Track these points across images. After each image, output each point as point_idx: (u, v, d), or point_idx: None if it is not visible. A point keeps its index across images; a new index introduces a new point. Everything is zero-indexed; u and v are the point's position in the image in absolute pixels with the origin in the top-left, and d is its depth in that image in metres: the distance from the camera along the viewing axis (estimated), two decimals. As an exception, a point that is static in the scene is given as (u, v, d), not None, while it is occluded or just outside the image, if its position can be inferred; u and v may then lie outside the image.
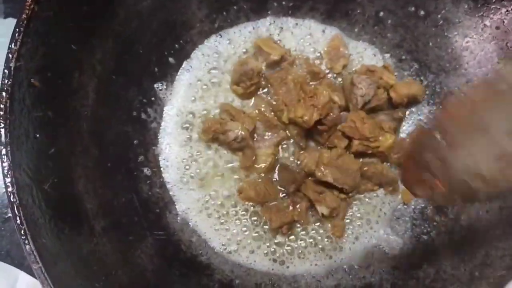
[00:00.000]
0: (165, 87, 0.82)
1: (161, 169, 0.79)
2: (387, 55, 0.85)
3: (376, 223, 0.80)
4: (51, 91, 0.61)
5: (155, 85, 0.81)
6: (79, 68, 0.67)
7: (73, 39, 0.65)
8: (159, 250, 0.74)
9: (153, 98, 0.81)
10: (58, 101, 0.63)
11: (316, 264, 0.78)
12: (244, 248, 0.78)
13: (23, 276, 0.79)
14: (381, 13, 0.83)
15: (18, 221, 0.50)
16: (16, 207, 0.51)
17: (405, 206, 0.81)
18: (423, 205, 0.81)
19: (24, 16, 0.55)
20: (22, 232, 0.50)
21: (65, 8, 0.62)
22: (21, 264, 0.80)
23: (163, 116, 0.81)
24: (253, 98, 0.82)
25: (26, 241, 0.50)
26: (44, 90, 0.60)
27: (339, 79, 0.84)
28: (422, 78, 0.84)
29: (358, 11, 0.84)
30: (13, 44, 0.55)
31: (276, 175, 0.80)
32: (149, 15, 0.77)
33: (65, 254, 0.56)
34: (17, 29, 0.55)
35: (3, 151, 0.53)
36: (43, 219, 0.54)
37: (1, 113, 0.53)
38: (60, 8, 0.61)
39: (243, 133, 0.76)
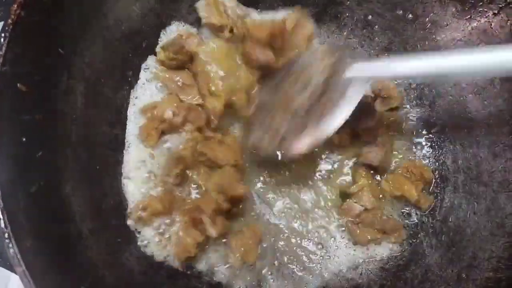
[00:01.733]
0: (155, 89, 0.82)
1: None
2: (376, 58, 0.85)
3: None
4: (39, 95, 0.62)
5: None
6: (67, 71, 0.67)
7: (61, 43, 0.65)
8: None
9: (142, 101, 0.81)
10: (46, 105, 0.63)
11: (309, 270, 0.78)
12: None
13: (14, 278, 0.80)
14: (370, 17, 0.84)
15: (2, 225, 0.50)
16: (1, 210, 0.51)
17: (393, 209, 0.81)
18: (410, 207, 0.81)
19: (9, 21, 0.56)
20: (6, 235, 0.50)
21: (52, 12, 0.62)
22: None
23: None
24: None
25: (10, 245, 0.50)
26: (31, 94, 0.60)
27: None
28: (410, 80, 0.85)
29: (347, 14, 0.85)
30: (-2, 49, 0.55)
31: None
32: (138, 18, 0.78)
33: (51, 256, 0.57)
34: (3, 34, 0.55)
35: (-12, 156, 0.53)
36: (29, 222, 0.55)
37: (-13, 117, 0.54)
38: (47, 12, 0.61)
39: (174, 105, 0.76)
